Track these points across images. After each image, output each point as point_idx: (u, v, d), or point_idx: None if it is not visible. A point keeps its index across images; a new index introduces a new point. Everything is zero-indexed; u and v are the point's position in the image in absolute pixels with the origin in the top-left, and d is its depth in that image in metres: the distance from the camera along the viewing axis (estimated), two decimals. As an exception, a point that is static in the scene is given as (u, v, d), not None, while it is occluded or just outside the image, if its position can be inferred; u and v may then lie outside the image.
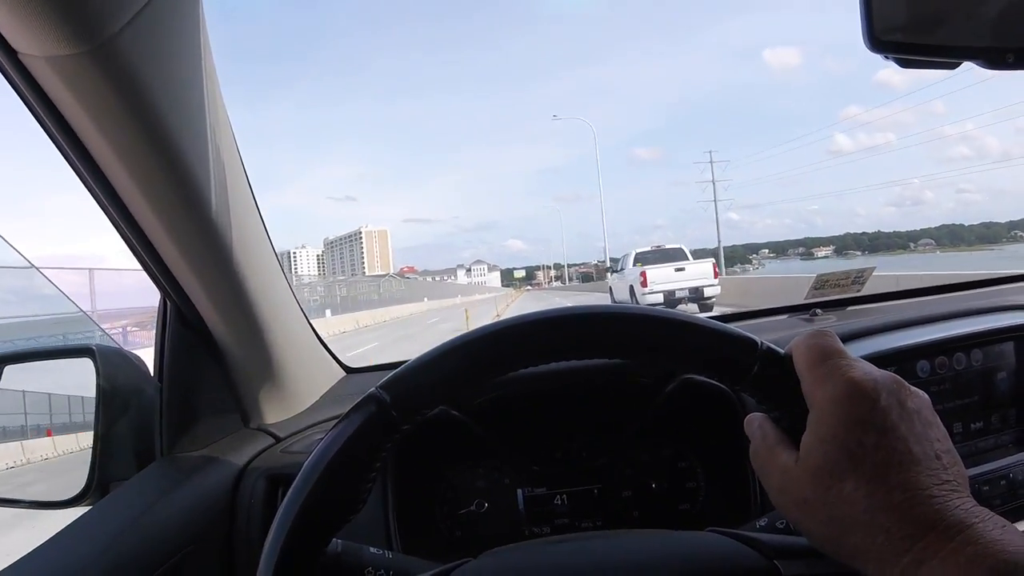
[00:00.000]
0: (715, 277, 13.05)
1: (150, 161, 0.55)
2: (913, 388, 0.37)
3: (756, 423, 0.41)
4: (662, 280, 12.88)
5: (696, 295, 12.62)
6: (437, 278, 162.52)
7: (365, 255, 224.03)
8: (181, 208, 0.61)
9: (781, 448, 0.39)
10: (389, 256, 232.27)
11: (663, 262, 13.83)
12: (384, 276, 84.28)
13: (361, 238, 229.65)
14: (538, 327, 0.42)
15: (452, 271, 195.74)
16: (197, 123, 0.59)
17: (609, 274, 19.81)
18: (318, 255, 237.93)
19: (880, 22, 0.53)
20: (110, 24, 0.45)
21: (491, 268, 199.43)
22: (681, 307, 11.41)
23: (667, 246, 15.92)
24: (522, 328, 0.42)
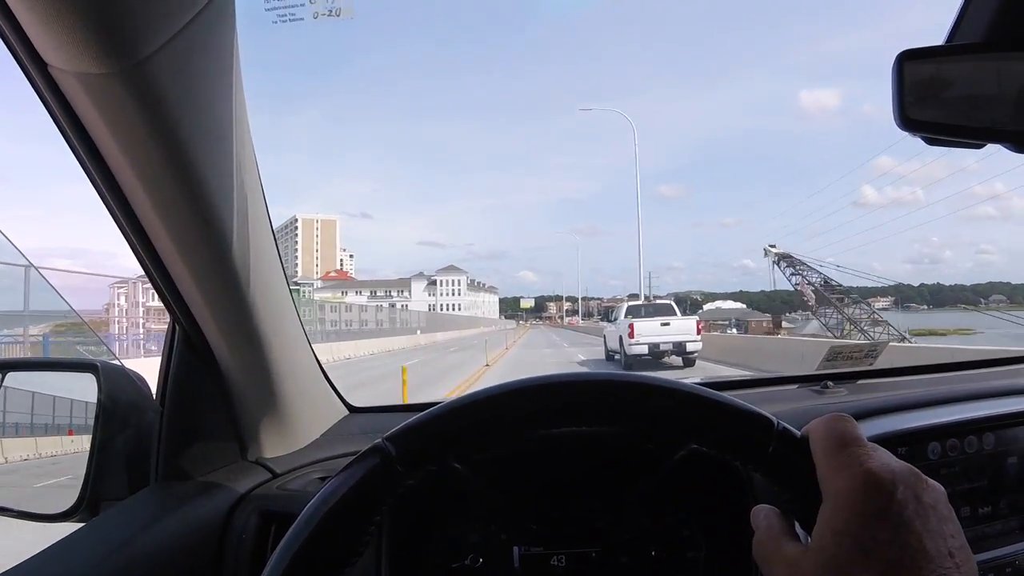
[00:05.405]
0: (698, 334, 14.67)
1: (171, 186, 0.59)
2: (930, 481, 0.39)
3: (762, 514, 0.43)
4: (648, 333, 14.44)
5: (679, 349, 14.36)
6: (380, 293, 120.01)
7: (300, 252, 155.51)
8: (199, 235, 0.65)
9: (788, 539, 0.40)
10: (335, 256, 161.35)
11: (652, 316, 15.57)
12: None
13: (297, 228, 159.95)
14: (552, 391, 0.45)
15: (406, 283, 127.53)
16: (222, 153, 0.63)
17: (603, 322, 22.52)
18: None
19: (911, 102, 0.61)
20: (143, 46, 0.48)
21: (478, 286, 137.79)
22: (665, 360, 14.35)
23: (657, 301, 18.65)
24: (536, 391, 0.45)
